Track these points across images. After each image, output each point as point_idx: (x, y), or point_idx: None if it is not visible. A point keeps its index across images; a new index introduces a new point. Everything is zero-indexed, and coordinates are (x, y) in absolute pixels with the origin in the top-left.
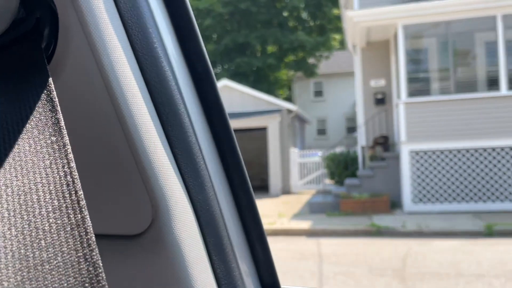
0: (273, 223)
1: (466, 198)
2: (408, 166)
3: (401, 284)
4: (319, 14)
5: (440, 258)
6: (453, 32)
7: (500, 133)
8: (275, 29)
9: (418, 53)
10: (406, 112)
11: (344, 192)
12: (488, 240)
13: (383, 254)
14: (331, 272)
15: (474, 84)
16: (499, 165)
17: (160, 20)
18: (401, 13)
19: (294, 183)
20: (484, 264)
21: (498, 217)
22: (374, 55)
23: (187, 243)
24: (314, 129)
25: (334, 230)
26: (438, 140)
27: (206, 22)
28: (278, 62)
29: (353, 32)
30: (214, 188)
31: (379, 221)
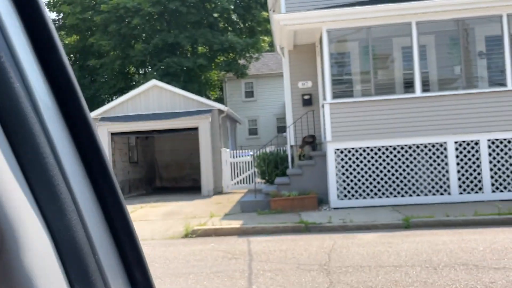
0: (204, 224)
1: (386, 193)
2: (334, 164)
3: (327, 277)
4: (248, 16)
5: (363, 251)
6: (373, 37)
7: (416, 132)
8: (205, 29)
9: (342, 56)
10: (331, 112)
11: (274, 191)
12: (406, 232)
13: (311, 249)
14: (261, 270)
15: (393, 86)
16: (415, 161)
17: (12, 28)
18: (325, 17)
19: (226, 183)
20: (401, 254)
21: (415, 210)
22: (301, 57)
23: (42, 275)
24: (245, 129)
25: (264, 228)
26: (361, 139)
27: (135, 21)
28: (208, 63)
29: (280, 35)
30: (80, 213)
31: (307, 217)
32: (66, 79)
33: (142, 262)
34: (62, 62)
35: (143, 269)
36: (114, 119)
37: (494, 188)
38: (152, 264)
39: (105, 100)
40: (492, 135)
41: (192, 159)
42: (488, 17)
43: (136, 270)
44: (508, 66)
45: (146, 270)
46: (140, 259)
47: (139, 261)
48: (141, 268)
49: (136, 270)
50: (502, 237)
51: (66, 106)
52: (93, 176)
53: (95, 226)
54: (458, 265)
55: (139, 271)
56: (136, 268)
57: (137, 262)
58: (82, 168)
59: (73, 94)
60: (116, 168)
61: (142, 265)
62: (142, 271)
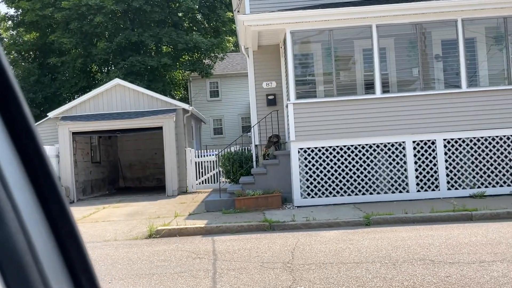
0: (168, 224)
1: (348, 191)
2: (297, 163)
3: (290, 275)
4: (213, 16)
5: (325, 248)
6: (336, 39)
7: (376, 131)
8: (169, 29)
9: (305, 57)
10: (295, 112)
11: (239, 190)
12: (367, 229)
13: (274, 247)
14: (225, 269)
15: (354, 87)
16: (376, 160)
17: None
18: (289, 19)
19: (191, 183)
20: (362, 251)
21: (375, 207)
22: (265, 58)
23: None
24: (210, 128)
25: (229, 227)
26: (323, 138)
27: (97, 19)
28: (173, 62)
29: (245, 35)
30: (20, 220)
31: (271, 216)
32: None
33: (89, 269)
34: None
35: (90, 276)
36: (76, 118)
37: (449, 185)
38: (114, 265)
39: (66, 99)
40: (448, 135)
41: (156, 158)
42: (444, 22)
43: (83, 277)
44: (463, 69)
45: (93, 277)
46: (87, 266)
47: (85, 268)
48: (88, 275)
49: (83, 278)
50: (457, 232)
51: (3, 106)
52: (36, 181)
53: (38, 233)
54: (416, 260)
55: (86, 278)
56: (83, 275)
57: (83, 269)
58: (23, 173)
59: (10, 93)
60: (77, 168)
61: (89, 272)
62: (89, 278)
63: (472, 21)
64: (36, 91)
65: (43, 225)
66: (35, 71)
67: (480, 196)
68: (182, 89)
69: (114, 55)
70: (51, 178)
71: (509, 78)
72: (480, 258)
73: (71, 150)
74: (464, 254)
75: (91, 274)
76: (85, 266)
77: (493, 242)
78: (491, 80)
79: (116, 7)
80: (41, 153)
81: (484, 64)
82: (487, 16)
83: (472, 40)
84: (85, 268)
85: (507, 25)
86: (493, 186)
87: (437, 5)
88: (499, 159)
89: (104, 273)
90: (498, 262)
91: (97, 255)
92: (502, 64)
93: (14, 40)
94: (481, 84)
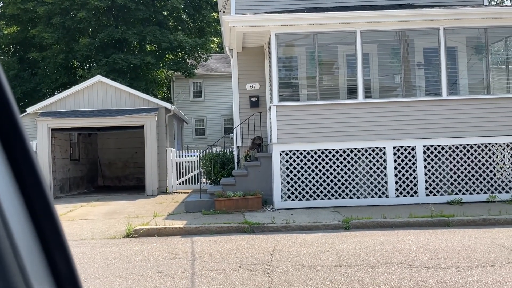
0: (147, 224)
1: (328, 195)
2: (279, 166)
3: (268, 277)
4: (198, 16)
5: (304, 251)
6: (320, 43)
7: (357, 136)
8: (154, 27)
9: (289, 60)
10: (278, 115)
11: (219, 191)
12: (346, 232)
13: (254, 249)
14: (203, 270)
15: (337, 92)
16: (356, 165)
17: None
18: (274, 21)
19: (171, 183)
20: (341, 254)
21: (354, 211)
22: (249, 59)
23: None
24: (192, 129)
25: (208, 228)
26: (305, 141)
27: (80, 14)
28: (156, 61)
29: (229, 37)
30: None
31: (251, 218)
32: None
33: (64, 248)
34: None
35: (65, 257)
36: (55, 114)
37: (428, 191)
38: (91, 264)
39: (46, 94)
40: (427, 141)
41: (137, 157)
42: (427, 30)
43: (58, 259)
44: (444, 77)
45: (69, 258)
46: (62, 244)
47: (60, 246)
48: (64, 256)
49: (58, 259)
50: (434, 238)
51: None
52: (21, 178)
53: (21, 232)
54: (393, 264)
55: (61, 259)
56: (59, 256)
57: (58, 247)
58: (9, 169)
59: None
60: (56, 165)
61: (64, 252)
62: (65, 259)
63: (454, 30)
64: (15, 85)
65: (27, 224)
66: (14, 65)
67: (458, 202)
68: (165, 88)
69: (96, 51)
70: (37, 176)
71: (488, 88)
72: (456, 263)
73: (49, 147)
74: (441, 259)
75: (67, 257)
76: (61, 246)
77: (469, 248)
78: (471, 89)
79: (100, 3)
80: (27, 150)
81: (465, 73)
82: (468, 26)
83: (454, 49)
84: (61, 247)
85: (487, 35)
86: (470, 193)
87: (420, 13)
88: (477, 167)
89: (80, 272)
90: (473, 268)
91: (73, 254)
92: (482, 73)
93: None
94: (461, 93)
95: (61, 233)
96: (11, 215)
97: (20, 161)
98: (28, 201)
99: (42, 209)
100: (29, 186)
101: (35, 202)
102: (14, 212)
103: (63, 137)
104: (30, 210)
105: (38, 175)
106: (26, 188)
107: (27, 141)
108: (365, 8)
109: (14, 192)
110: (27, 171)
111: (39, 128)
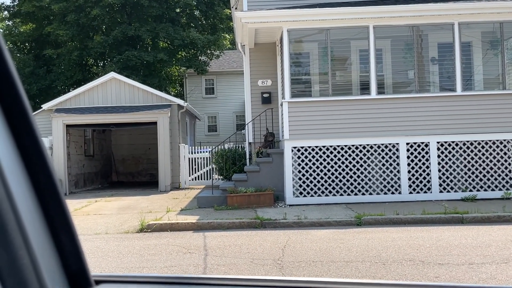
0: (160, 219)
1: (340, 191)
2: (291, 162)
3: (280, 272)
4: (211, 13)
5: (315, 247)
6: (332, 39)
7: (370, 132)
8: (166, 24)
9: (302, 56)
10: (290, 111)
11: (231, 187)
12: (358, 229)
13: (265, 244)
14: (215, 264)
15: (349, 87)
16: (369, 161)
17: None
18: (286, 17)
19: (184, 179)
20: (353, 251)
21: (367, 208)
22: (261, 56)
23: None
24: (205, 125)
25: (220, 224)
26: (317, 138)
27: (94, 12)
28: (169, 58)
29: (242, 33)
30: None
31: (262, 213)
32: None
33: (70, 229)
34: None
35: (71, 235)
36: (70, 111)
37: (441, 188)
38: (105, 258)
39: (61, 91)
40: (441, 137)
41: (150, 153)
42: (441, 25)
43: (62, 234)
44: (458, 72)
45: (74, 236)
46: (68, 224)
47: (67, 228)
48: (69, 234)
49: (63, 237)
50: (447, 234)
51: (3, 99)
52: (34, 175)
53: (33, 226)
54: (406, 260)
55: (67, 237)
56: (63, 232)
57: (65, 228)
58: (22, 166)
59: (11, 86)
60: (70, 161)
61: (70, 230)
62: (70, 237)
63: (468, 25)
64: (31, 82)
65: (39, 219)
66: (30, 62)
67: (472, 199)
68: (178, 85)
69: (110, 49)
70: (49, 172)
71: (503, 83)
72: (470, 260)
73: (64, 143)
74: (454, 256)
75: (72, 233)
76: (72, 241)
77: (483, 245)
78: (486, 85)
79: (113, 1)
80: (39, 146)
81: (479, 68)
82: (483, 20)
83: (468, 44)
84: (79, 261)
85: (503, 30)
86: (484, 190)
87: (434, 8)
88: (491, 163)
89: (93, 266)
90: (487, 264)
91: (88, 248)
92: (497, 68)
93: (10, 30)
94: (476, 88)
95: (67, 214)
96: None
97: (28, 146)
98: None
99: (49, 191)
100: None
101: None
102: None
103: (78, 133)
104: (37, 191)
105: (47, 162)
106: (36, 174)
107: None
108: (377, 3)
109: (24, 177)
110: (36, 158)
111: (54, 124)
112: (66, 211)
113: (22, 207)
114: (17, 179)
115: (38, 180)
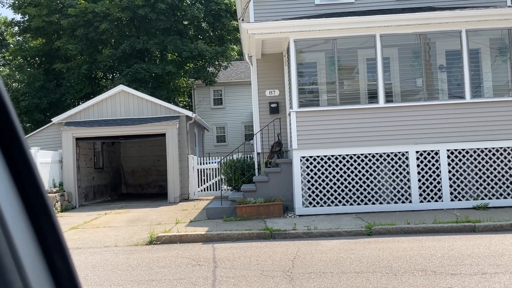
0: (169, 231)
1: (350, 200)
2: (299, 171)
3: (290, 284)
4: (218, 24)
5: (325, 258)
6: (339, 48)
7: (379, 141)
8: (174, 37)
9: (309, 66)
10: (297, 121)
11: (240, 198)
12: (368, 239)
13: (275, 256)
14: (224, 277)
15: (357, 96)
16: (378, 170)
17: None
18: (293, 28)
19: (193, 190)
20: (363, 261)
21: (377, 217)
22: (269, 66)
23: None
24: (213, 136)
25: (230, 235)
26: (326, 147)
27: (103, 26)
28: (177, 70)
29: (249, 44)
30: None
31: (272, 224)
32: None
33: (62, 247)
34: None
35: (63, 256)
36: (80, 124)
37: (452, 197)
38: (114, 271)
39: (70, 105)
40: (451, 145)
41: (159, 165)
42: (448, 32)
43: (57, 258)
44: (467, 80)
45: (67, 257)
46: (60, 243)
47: (59, 246)
48: (62, 255)
49: (57, 259)
50: (459, 244)
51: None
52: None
53: (24, 244)
54: (417, 271)
55: (60, 259)
56: (57, 255)
57: (57, 246)
58: (11, 182)
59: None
60: (80, 174)
61: (62, 251)
62: (63, 258)
63: (476, 32)
64: (41, 96)
65: (31, 239)
66: (40, 76)
67: (484, 207)
68: (186, 96)
69: (119, 62)
70: (40, 191)
71: None
72: (482, 269)
73: (74, 156)
74: (466, 266)
75: (65, 254)
76: (66, 263)
77: (496, 254)
78: (495, 92)
79: (121, 15)
80: (29, 164)
81: (488, 75)
82: (491, 27)
83: (477, 51)
84: (66, 265)
85: (511, 36)
86: (496, 197)
87: (441, 15)
88: (503, 171)
89: (103, 279)
90: (500, 274)
91: (97, 261)
92: (507, 75)
93: (20, 45)
94: (485, 95)
95: (59, 232)
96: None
97: (17, 161)
98: (26, 202)
99: (40, 208)
100: (27, 186)
101: (34, 202)
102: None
103: (88, 146)
104: (28, 210)
105: (35, 175)
106: (24, 188)
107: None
108: (384, 12)
109: (12, 193)
110: (25, 171)
111: (64, 137)
112: (58, 229)
113: (14, 228)
114: (8, 198)
115: (29, 199)
